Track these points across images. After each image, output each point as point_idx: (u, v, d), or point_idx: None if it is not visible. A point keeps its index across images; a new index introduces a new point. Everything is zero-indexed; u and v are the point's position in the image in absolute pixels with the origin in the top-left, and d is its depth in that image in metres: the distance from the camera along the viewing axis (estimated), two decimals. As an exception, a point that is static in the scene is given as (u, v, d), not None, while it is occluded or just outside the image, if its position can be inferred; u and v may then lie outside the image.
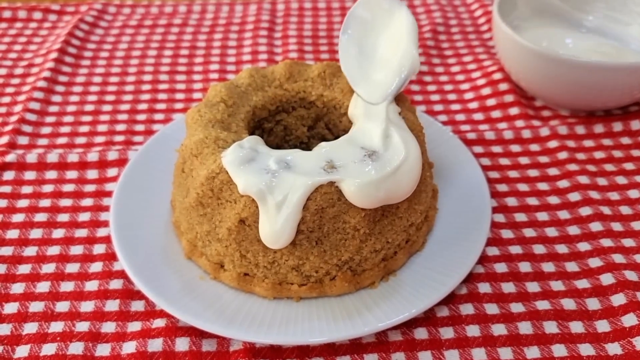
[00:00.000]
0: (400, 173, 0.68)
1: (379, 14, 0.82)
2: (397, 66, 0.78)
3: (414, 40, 0.79)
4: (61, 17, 1.35)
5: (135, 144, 1.00)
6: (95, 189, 0.92)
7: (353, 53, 0.81)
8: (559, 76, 0.97)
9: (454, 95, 1.12)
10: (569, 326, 0.73)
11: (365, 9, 0.82)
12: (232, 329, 0.68)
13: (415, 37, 0.79)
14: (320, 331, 0.69)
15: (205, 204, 0.72)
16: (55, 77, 1.15)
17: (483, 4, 1.36)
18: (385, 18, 0.82)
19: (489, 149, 0.99)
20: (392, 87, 0.77)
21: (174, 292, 0.72)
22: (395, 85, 0.77)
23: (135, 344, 0.71)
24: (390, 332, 0.73)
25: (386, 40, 0.81)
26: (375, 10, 0.82)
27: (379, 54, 0.81)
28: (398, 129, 0.71)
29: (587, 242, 0.83)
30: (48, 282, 0.79)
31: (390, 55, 0.80)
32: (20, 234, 0.85)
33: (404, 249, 0.76)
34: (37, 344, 0.72)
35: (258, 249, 0.70)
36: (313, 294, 0.72)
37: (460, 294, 0.77)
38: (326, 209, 0.67)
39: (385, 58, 0.80)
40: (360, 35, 0.82)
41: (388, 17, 0.82)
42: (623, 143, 1.00)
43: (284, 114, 0.85)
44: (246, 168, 0.68)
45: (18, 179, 0.93)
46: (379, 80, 0.79)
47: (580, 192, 0.90)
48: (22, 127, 1.03)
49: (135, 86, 1.14)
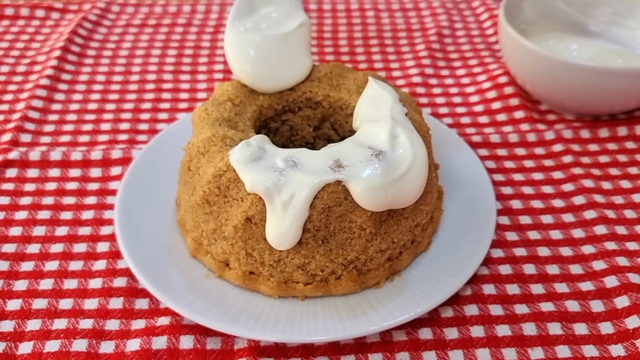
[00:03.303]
0: (408, 177, 0.67)
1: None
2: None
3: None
4: (64, 15, 1.35)
5: (139, 143, 1.00)
6: (98, 187, 0.92)
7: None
8: (564, 80, 0.97)
9: (459, 98, 1.12)
10: (572, 328, 0.73)
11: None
12: (237, 327, 0.68)
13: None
14: (325, 330, 0.68)
15: (211, 202, 0.72)
16: (59, 75, 1.15)
17: (489, 8, 1.36)
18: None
19: (494, 152, 0.99)
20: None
21: (179, 290, 0.72)
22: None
23: (139, 341, 0.71)
24: (394, 332, 0.73)
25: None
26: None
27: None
28: (405, 129, 0.71)
29: (592, 245, 0.83)
30: (51, 280, 0.78)
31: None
32: (23, 231, 0.85)
33: (410, 249, 0.76)
34: (41, 340, 0.71)
35: (264, 248, 0.70)
36: (318, 293, 0.72)
37: (464, 295, 0.77)
38: (333, 208, 0.67)
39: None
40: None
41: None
42: (628, 147, 1.00)
43: (290, 114, 0.85)
44: (253, 166, 0.68)
45: (21, 176, 0.93)
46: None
47: (585, 195, 0.90)
48: (25, 124, 1.02)
49: (139, 85, 1.14)
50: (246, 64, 0.79)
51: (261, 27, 0.80)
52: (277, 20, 0.81)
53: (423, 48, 1.25)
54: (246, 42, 0.79)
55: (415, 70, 1.18)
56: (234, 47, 0.80)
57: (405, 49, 1.26)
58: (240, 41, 0.79)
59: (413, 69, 1.19)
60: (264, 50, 0.79)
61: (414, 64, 1.21)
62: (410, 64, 1.21)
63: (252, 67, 0.79)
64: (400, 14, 1.38)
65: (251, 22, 0.81)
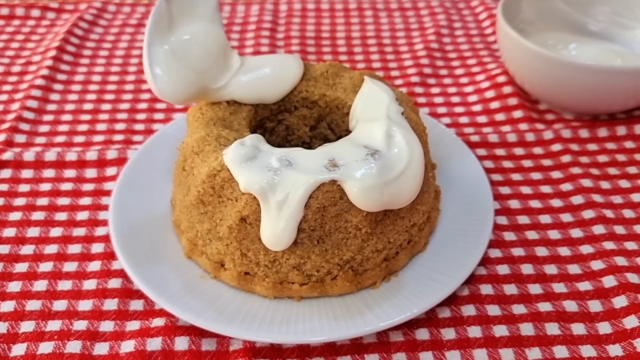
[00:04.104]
0: (404, 177, 0.67)
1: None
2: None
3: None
4: (60, 15, 1.34)
5: (134, 143, 0.99)
6: (93, 188, 0.91)
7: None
8: (563, 79, 0.97)
9: (457, 98, 1.12)
10: (570, 328, 0.73)
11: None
12: (232, 328, 0.68)
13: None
14: (321, 330, 0.68)
15: (206, 201, 0.71)
16: (54, 75, 1.15)
17: (487, 7, 1.36)
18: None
19: (492, 152, 0.98)
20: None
21: (174, 292, 0.72)
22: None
23: (134, 342, 0.70)
24: (391, 332, 0.72)
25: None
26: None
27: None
28: (401, 128, 0.71)
29: (590, 245, 0.83)
30: (45, 281, 0.78)
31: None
32: (18, 232, 0.84)
33: (406, 249, 0.75)
34: (34, 342, 0.71)
35: (259, 248, 0.69)
36: (314, 293, 0.72)
37: (462, 295, 0.76)
38: (328, 208, 0.67)
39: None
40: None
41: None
42: (627, 147, 0.99)
43: (286, 114, 0.85)
44: (248, 166, 0.67)
45: (15, 177, 0.92)
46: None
47: (584, 195, 0.89)
48: (19, 125, 1.02)
49: (135, 85, 1.14)
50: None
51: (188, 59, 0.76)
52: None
53: (421, 48, 1.25)
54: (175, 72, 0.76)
55: (414, 70, 1.18)
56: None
57: (403, 48, 1.26)
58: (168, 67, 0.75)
59: (411, 68, 1.19)
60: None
61: (412, 63, 1.20)
62: (408, 64, 1.21)
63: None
64: (398, 13, 1.38)
65: (172, 45, 0.76)
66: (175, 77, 0.74)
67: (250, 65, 0.80)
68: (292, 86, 0.82)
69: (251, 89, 0.79)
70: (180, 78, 0.75)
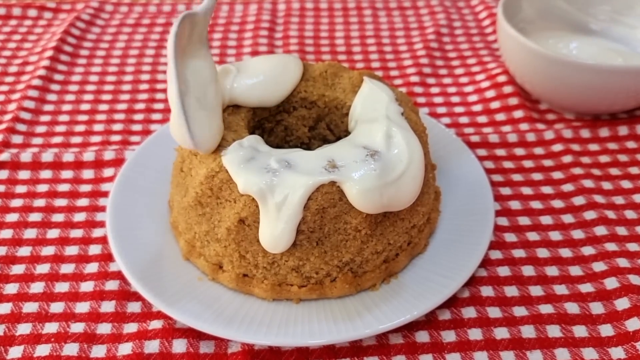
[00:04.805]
0: (404, 178, 0.66)
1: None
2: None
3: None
4: (57, 15, 1.34)
5: (132, 144, 0.99)
6: (91, 189, 0.91)
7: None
8: (564, 79, 0.96)
9: (457, 98, 1.11)
10: (572, 330, 0.73)
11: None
12: (230, 330, 0.67)
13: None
14: (320, 333, 0.68)
15: (204, 203, 0.71)
16: (51, 75, 1.14)
17: (487, 6, 1.35)
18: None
19: (492, 152, 0.98)
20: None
21: (172, 294, 0.71)
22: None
23: (131, 345, 0.70)
24: (391, 335, 0.72)
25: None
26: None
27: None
28: (401, 129, 0.70)
29: (592, 246, 0.82)
30: (42, 283, 0.77)
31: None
32: (14, 233, 0.84)
33: (406, 251, 0.75)
34: (31, 344, 0.70)
35: (257, 249, 0.69)
36: (313, 295, 0.71)
37: (462, 297, 0.76)
38: (327, 209, 0.66)
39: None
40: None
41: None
42: (628, 147, 0.99)
43: (284, 114, 0.84)
44: (246, 167, 0.66)
45: (12, 178, 0.92)
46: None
47: (585, 196, 0.89)
48: (16, 125, 1.01)
49: (132, 85, 1.13)
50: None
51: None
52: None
53: (421, 47, 1.24)
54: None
55: (413, 70, 1.17)
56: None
57: (403, 48, 1.25)
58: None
59: (411, 68, 1.18)
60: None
61: (412, 63, 1.20)
62: (408, 64, 1.20)
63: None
64: (397, 12, 1.37)
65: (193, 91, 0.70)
66: (207, 129, 0.70)
67: (247, 69, 0.79)
68: (292, 88, 0.81)
69: (251, 95, 0.78)
70: (212, 127, 0.71)
